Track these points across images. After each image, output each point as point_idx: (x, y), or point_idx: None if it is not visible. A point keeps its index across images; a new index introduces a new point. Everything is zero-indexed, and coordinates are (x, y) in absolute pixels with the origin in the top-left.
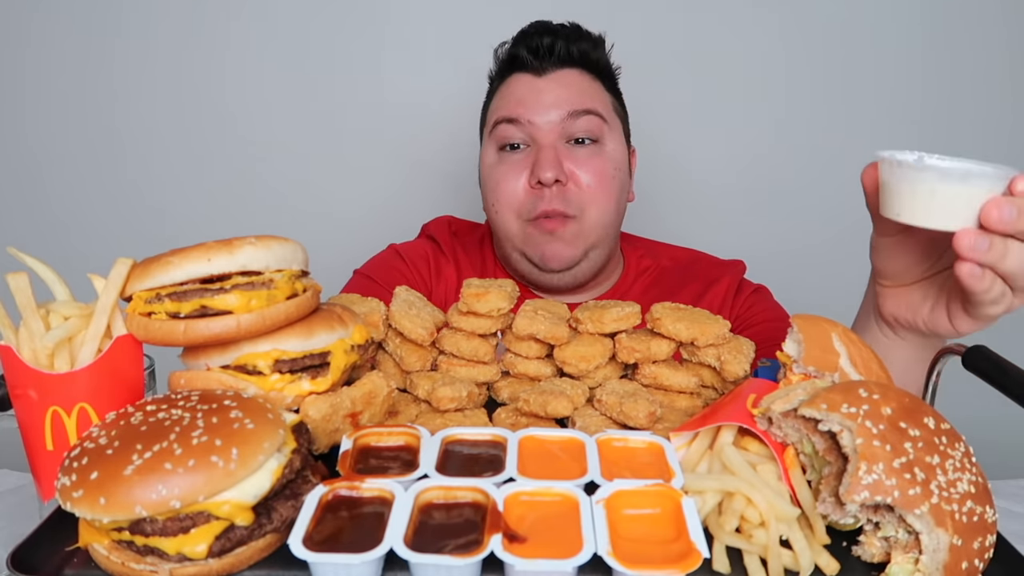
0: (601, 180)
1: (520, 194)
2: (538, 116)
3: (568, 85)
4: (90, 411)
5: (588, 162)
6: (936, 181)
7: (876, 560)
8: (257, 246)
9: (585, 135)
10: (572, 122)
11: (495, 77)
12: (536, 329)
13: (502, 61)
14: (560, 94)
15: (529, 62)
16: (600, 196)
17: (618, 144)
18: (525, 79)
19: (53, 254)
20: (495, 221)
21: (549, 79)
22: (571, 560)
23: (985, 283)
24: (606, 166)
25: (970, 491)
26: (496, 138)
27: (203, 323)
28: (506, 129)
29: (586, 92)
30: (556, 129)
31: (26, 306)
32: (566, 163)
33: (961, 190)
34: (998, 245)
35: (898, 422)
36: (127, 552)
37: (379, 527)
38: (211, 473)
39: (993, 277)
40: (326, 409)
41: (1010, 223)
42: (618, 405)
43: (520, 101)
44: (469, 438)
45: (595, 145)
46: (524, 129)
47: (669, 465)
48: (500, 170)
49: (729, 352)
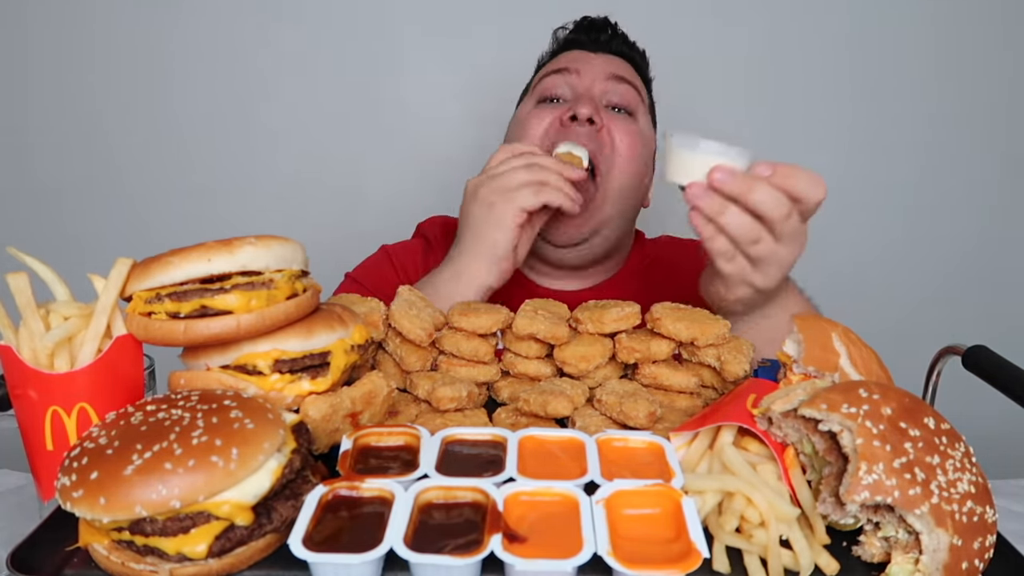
0: (631, 148)
1: (546, 127)
2: (585, 70)
3: (617, 63)
4: (90, 411)
5: (623, 126)
6: (679, 148)
7: (876, 560)
8: (257, 246)
9: (621, 102)
10: (615, 85)
11: (546, 57)
12: (536, 329)
13: (558, 42)
14: (608, 63)
15: (587, 44)
16: (626, 165)
17: (648, 128)
18: (577, 52)
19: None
20: None
21: (601, 56)
22: (571, 560)
23: (709, 230)
24: (637, 138)
25: (970, 491)
26: (538, 90)
27: (203, 323)
28: (552, 80)
29: (630, 73)
30: (599, 84)
31: (26, 306)
32: (605, 119)
33: (694, 157)
34: (717, 200)
35: (898, 422)
36: (127, 552)
37: (379, 527)
38: (211, 473)
39: (716, 230)
40: (326, 409)
41: (726, 184)
42: (618, 405)
43: (571, 60)
44: (469, 438)
45: (630, 117)
46: (569, 79)
47: (669, 465)
48: (533, 114)
49: (729, 352)
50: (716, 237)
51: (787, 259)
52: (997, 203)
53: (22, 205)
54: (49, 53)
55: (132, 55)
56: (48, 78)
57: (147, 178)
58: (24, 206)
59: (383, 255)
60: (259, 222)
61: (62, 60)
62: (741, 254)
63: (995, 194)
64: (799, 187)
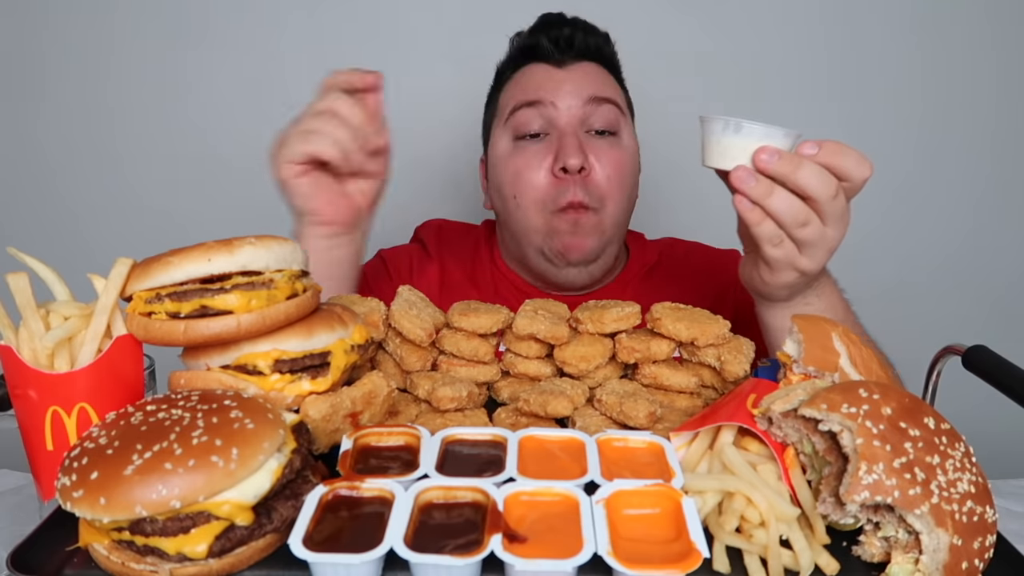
0: (620, 173)
1: (544, 184)
2: (560, 100)
3: (587, 74)
4: (90, 411)
5: (608, 153)
6: (720, 132)
7: (876, 560)
8: (257, 246)
9: (604, 126)
10: (593, 109)
11: (507, 66)
12: (536, 329)
13: (518, 49)
14: (580, 82)
15: (549, 52)
16: (617, 190)
17: (632, 139)
18: (543, 68)
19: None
20: (514, 216)
21: (568, 70)
22: (571, 560)
23: (756, 215)
24: (624, 159)
25: (970, 491)
26: (513, 126)
27: (203, 323)
28: (525, 114)
29: (604, 83)
30: (577, 115)
31: (26, 306)
32: (588, 153)
33: (736, 140)
34: (764, 183)
35: (898, 422)
36: (127, 552)
37: (379, 527)
38: (211, 473)
39: (763, 214)
40: (326, 409)
41: (772, 165)
42: (618, 405)
43: (540, 86)
44: (469, 438)
45: (613, 137)
46: (545, 114)
47: (669, 465)
48: (519, 160)
49: (729, 352)
50: (763, 222)
51: (834, 241)
52: (997, 203)
53: (22, 205)
54: (50, 53)
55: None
56: (48, 77)
57: (147, 178)
58: (24, 206)
59: (379, 261)
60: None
61: (62, 59)
62: (788, 238)
63: (995, 194)
64: (847, 165)
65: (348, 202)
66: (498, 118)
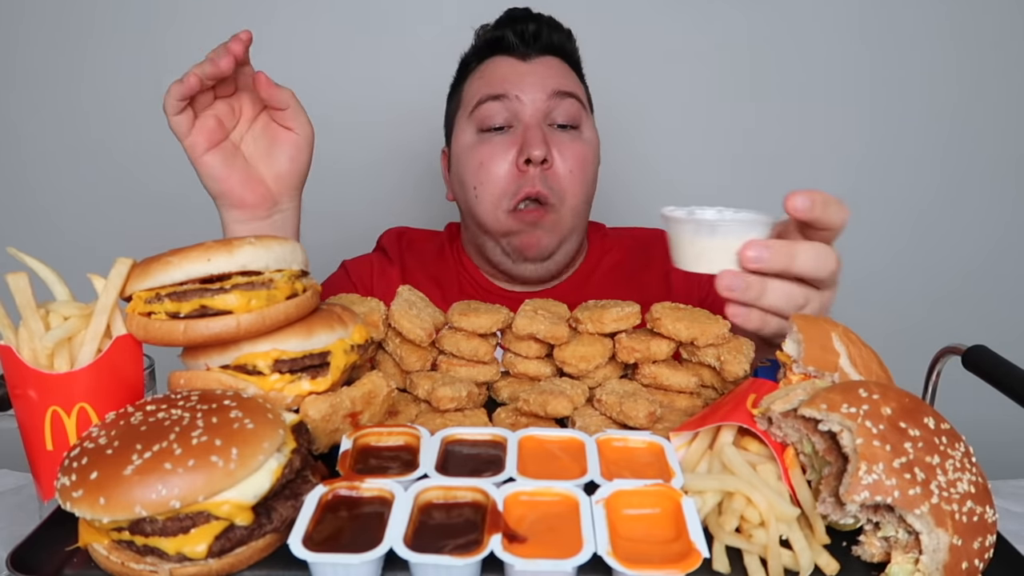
0: (582, 166)
1: (505, 177)
2: (524, 93)
3: (551, 69)
4: (90, 411)
5: (570, 147)
6: (692, 235)
7: (876, 560)
8: (256, 246)
9: (567, 120)
10: (557, 103)
11: (471, 58)
12: (536, 329)
13: (483, 42)
14: (544, 76)
15: (515, 45)
16: (578, 183)
17: (593, 133)
18: (508, 61)
19: (53, 254)
20: (473, 208)
21: (533, 64)
22: (571, 560)
23: (753, 321)
24: (586, 152)
25: (970, 491)
26: (477, 118)
27: (203, 323)
28: (490, 107)
29: (567, 78)
30: (541, 108)
31: (26, 306)
32: (551, 146)
33: (713, 241)
34: (755, 284)
35: (898, 422)
36: (127, 552)
37: (379, 527)
38: (211, 473)
39: (761, 314)
40: (326, 409)
41: (765, 263)
42: (618, 405)
43: (505, 79)
44: (469, 438)
45: (575, 131)
46: (509, 107)
47: (669, 465)
48: (483, 151)
49: (729, 352)
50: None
51: (830, 301)
52: (996, 203)
53: (22, 205)
54: (47, 52)
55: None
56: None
57: (147, 178)
58: (24, 206)
59: (342, 271)
60: None
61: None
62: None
63: (995, 194)
64: (834, 218)
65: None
66: (462, 110)
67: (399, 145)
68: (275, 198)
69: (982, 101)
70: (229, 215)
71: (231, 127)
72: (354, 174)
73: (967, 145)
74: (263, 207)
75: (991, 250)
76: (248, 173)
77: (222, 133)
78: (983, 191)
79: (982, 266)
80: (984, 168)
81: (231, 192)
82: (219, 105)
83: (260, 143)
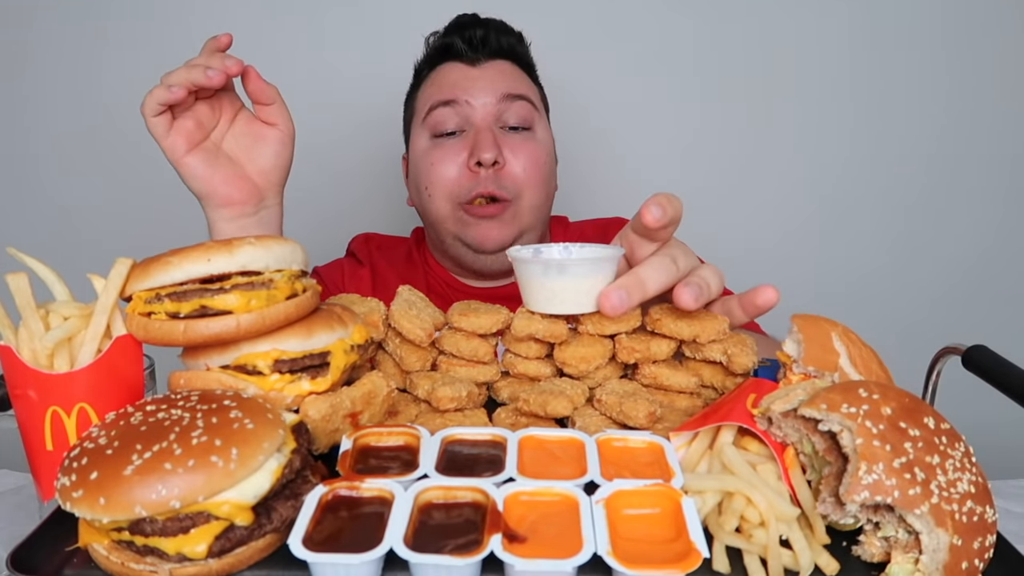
0: (535, 166)
1: (454, 178)
2: (475, 98)
3: (501, 72)
4: (90, 411)
5: (522, 147)
6: (541, 275)
7: (876, 560)
8: (256, 246)
9: (518, 122)
10: (507, 106)
11: (423, 65)
12: (535, 329)
13: (434, 48)
14: (494, 80)
15: (464, 52)
16: (533, 182)
17: (547, 133)
18: (458, 67)
19: (53, 254)
20: (427, 208)
21: (482, 69)
22: (571, 560)
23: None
24: (539, 152)
25: (970, 491)
26: (430, 124)
27: (203, 323)
28: (441, 113)
29: (518, 80)
30: (492, 112)
31: (26, 306)
32: (503, 147)
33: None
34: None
35: (898, 422)
36: (127, 552)
37: (379, 527)
38: (211, 473)
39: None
40: (326, 409)
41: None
42: (618, 405)
43: (455, 85)
44: (469, 438)
45: (528, 132)
46: (460, 112)
47: (669, 465)
48: (435, 154)
49: (735, 346)
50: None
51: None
52: (996, 203)
53: (22, 205)
54: (49, 51)
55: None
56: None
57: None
58: (24, 206)
59: (315, 277)
60: None
61: (62, 58)
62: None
63: (994, 194)
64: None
65: (246, 179)
66: (416, 117)
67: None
68: (262, 194)
69: (982, 101)
70: (216, 214)
71: (211, 127)
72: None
73: (966, 145)
74: (251, 203)
75: (991, 250)
76: (232, 171)
77: (201, 134)
78: (983, 191)
79: (982, 266)
80: (984, 168)
81: (216, 191)
82: (200, 107)
83: (243, 140)
